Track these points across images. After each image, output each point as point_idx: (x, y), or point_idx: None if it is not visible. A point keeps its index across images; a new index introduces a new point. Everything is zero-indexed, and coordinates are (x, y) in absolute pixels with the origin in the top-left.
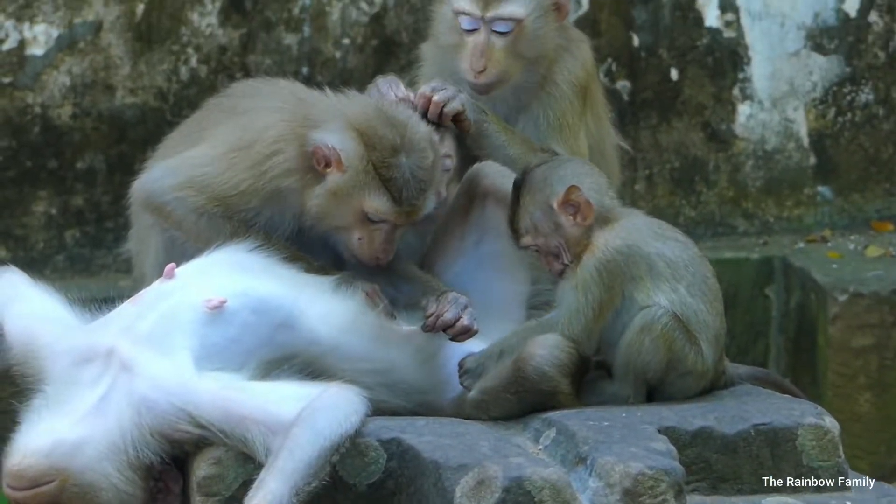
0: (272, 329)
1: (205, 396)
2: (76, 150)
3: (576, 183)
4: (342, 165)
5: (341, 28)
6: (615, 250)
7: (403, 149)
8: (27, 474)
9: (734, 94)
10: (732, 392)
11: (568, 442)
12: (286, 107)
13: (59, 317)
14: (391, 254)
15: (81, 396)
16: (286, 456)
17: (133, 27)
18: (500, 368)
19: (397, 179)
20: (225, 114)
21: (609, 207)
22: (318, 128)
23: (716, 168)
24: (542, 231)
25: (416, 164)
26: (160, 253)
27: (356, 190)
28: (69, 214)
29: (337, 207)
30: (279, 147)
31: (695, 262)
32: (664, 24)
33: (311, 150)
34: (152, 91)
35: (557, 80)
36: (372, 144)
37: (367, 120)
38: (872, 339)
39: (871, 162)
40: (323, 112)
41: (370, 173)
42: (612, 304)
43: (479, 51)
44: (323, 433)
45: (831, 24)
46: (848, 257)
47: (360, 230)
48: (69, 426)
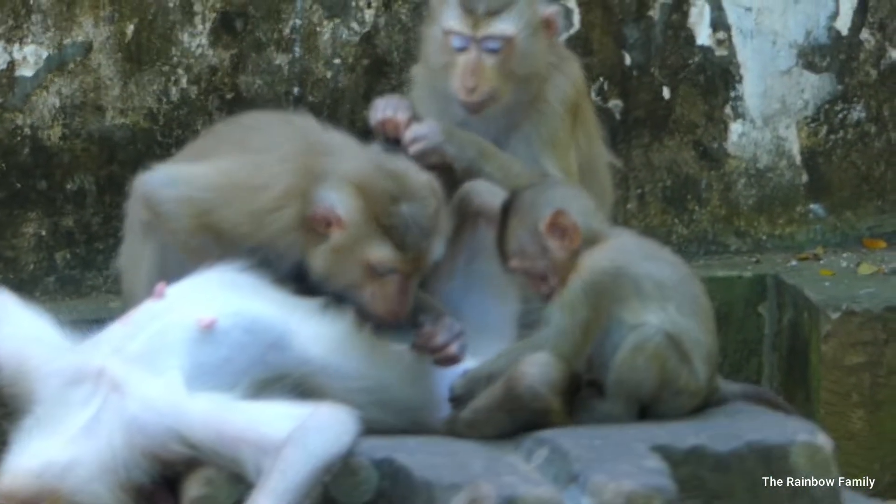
0: (263, 349)
1: (196, 416)
2: (66, 171)
3: (563, 207)
4: (343, 223)
5: (332, 48)
6: (601, 271)
7: (403, 198)
8: (19, 495)
9: (726, 112)
10: (725, 410)
11: (560, 460)
12: (293, 156)
13: (49, 338)
14: (406, 307)
15: (72, 417)
16: (278, 476)
17: (123, 48)
18: (491, 388)
19: (399, 227)
20: (234, 146)
21: (597, 230)
22: (320, 185)
23: (708, 186)
24: (530, 254)
25: (418, 212)
26: (152, 271)
27: (359, 243)
28: (59, 236)
29: (343, 264)
30: (282, 204)
31: (684, 282)
32: (656, 42)
33: (310, 216)
34: (142, 112)
35: (549, 99)
36: (370, 196)
37: (364, 174)
38: (865, 357)
39: (864, 179)
40: (326, 166)
41: (371, 225)
42: (599, 324)
43: (469, 69)
44: (315, 453)
45: (823, 42)
46: (840, 275)
47: (370, 285)
48: (60, 447)
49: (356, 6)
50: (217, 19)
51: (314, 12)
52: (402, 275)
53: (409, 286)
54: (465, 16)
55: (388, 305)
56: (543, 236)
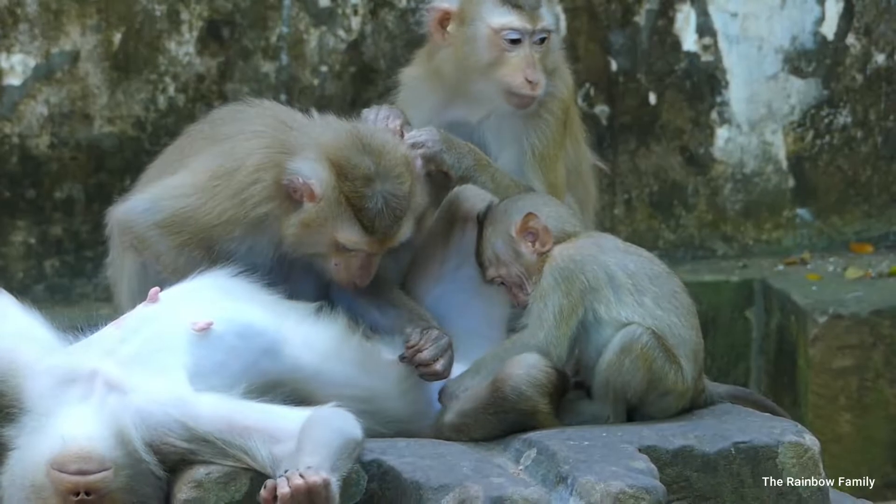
0: (257, 354)
1: (205, 408)
2: (54, 179)
3: (533, 211)
4: (315, 196)
5: (319, 56)
6: (569, 258)
7: (378, 177)
8: (94, 456)
9: (712, 117)
10: (712, 411)
11: (548, 462)
12: (267, 131)
13: (42, 338)
14: (368, 279)
15: (79, 408)
16: (315, 442)
17: (110, 56)
18: (477, 390)
19: (370, 210)
20: (206, 140)
21: (569, 232)
22: (295, 156)
23: (695, 191)
24: (504, 260)
25: (391, 192)
26: (133, 280)
27: (328, 220)
28: (48, 244)
29: (311, 236)
30: (259, 175)
31: (661, 277)
32: (642, 48)
33: (285, 183)
34: (130, 120)
35: (547, 105)
36: (344, 174)
37: (340, 149)
38: (852, 360)
39: (850, 184)
40: (300, 139)
41: (342, 204)
42: (575, 312)
43: (532, 61)
44: (341, 430)
45: (809, 47)
46: (827, 279)
47: (335, 257)
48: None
49: (343, 14)
50: (204, 28)
51: (301, 20)
52: (367, 252)
53: (374, 261)
54: (517, 11)
55: (351, 277)
56: (516, 241)
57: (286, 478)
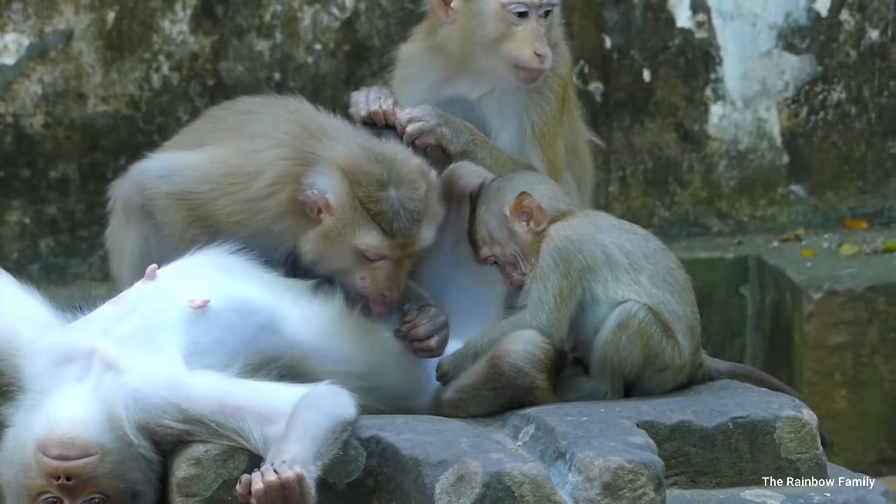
0: (255, 331)
1: (198, 389)
2: (49, 159)
3: (527, 189)
4: (331, 209)
5: (313, 34)
6: (567, 238)
7: (391, 182)
8: (78, 442)
9: (707, 94)
10: (710, 386)
11: (547, 437)
12: (289, 140)
13: (40, 317)
14: (398, 291)
15: (75, 388)
16: (301, 428)
17: (104, 35)
18: (475, 366)
19: (386, 213)
20: (229, 132)
21: (564, 211)
22: (312, 170)
23: (689, 168)
24: (498, 240)
25: (406, 196)
26: (136, 255)
27: (347, 229)
28: (43, 224)
29: (332, 249)
30: (275, 189)
31: (656, 254)
32: (636, 25)
33: (301, 199)
34: (124, 99)
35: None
36: (357, 181)
37: (352, 159)
38: (848, 337)
39: (844, 160)
40: (318, 151)
41: (358, 210)
42: (574, 293)
43: (540, 35)
44: (331, 413)
45: (803, 23)
46: (822, 255)
47: (360, 270)
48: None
49: None
50: (197, 6)
51: None
52: (391, 260)
53: (399, 271)
54: None
55: (378, 290)
56: (510, 220)
57: (261, 473)
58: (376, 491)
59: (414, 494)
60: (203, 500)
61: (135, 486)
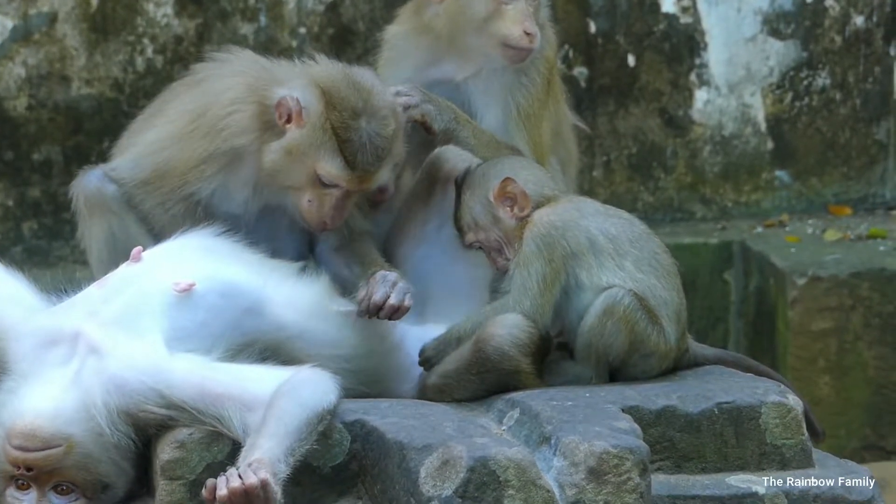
0: (239, 313)
1: (178, 375)
2: (32, 141)
3: (511, 175)
4: (302, 120)
5: (297, 17)
6: (549, 224)
7: (365, 113)
8: (40, 434)
9: (691, 79)
10: (695, 372)
11: (532, 422)
12: (247, 70)
13: (25, 299)
14: (339, 220)
15: (55, 373)
16: (276, 422)
17: (88, 18)
18: (460, 351)
19: (354, 142)
20: (184, 86)
21: (549, 196)
22: (281, 84)
23: (673, 154)
24: (482, 225)
25: (376, 131)
26: (101, 248)
27: (311, 149)
28: (26, 206)
29: (291, 165)
30: (236, 108)
31: (641, 239)
32: (621, 10)
33: (274, 104)
34: (108, 82)
35: (533, 61)
36: (333, 104)
37: (331, 80)
38: (831, 323)
39: (829, 146)
40: (287, 72)
41: (327, 132)
42: (558, 278)
43: (529, 14)
44: (307, 404)
45: (788, 8)
46: (806, 241)
47: (311, 192)
48: (62, 394)
49: None
50: None
51: None
52: (343, 190)
53: (347, 203)
54: None
55: (323, 216)
56: (494, 206)
57: (226, 478)
58: (361, 475)
59: (398, 478)
60: (187, 483)
61: (103, 479)
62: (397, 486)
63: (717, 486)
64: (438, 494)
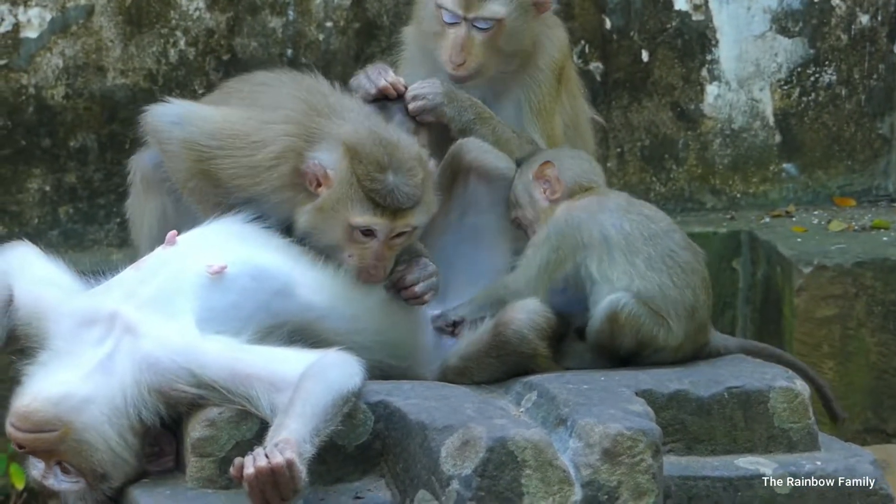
0: (269, 296)
1: (210, 356)
2: (69, 129)
3: (552, 160)
4: (330, 181)
5: (324, 12)
6: (568, 216)
7: (391, 167)
8: (33, 418)
9: (702, 75)
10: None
11: (548, 404)
12: (296, 118)
13: (64, 283)
14: (384, 273)
15: (87, 354)
16: (302, 403)
17: (123, 11)
18: (479, 333)
19: (381, 190)
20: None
21: (585, 187)
22: (314, 143)
23: (685, 146)
24: (521, 203)
25: (403, 182)
26: (153, 225)
27: (341, 203)
28: (62, 191)
29: (326, 223)
30: (278, 162)
31: (657, 237)
32: (635, 7)
33: (303, 170)
34: (142, 73)
35: (539, 65)
36: (359, 159)
37: (357, 138)
38: (836, 310)
39: (834, 140)
40: (324, 129)
41: (354, 186)
42: (562, 267)
43: (458, 45)
44: (333, 386)
45: (796, 7)
46: (812, 231)
47: (349, 247)
48: (80, 381)
49: None
50: None
51: None
52: (380, 241)
53: (388, 253)
54: None
55: (366, 268)
56: (532, 185)
57: (253, 457)
58: (383, 454)
59: (420, 457)
60: (216, 460)
61: (98, 468)
62: (419, 465)
63: (726, 468)
64: (458, 473)
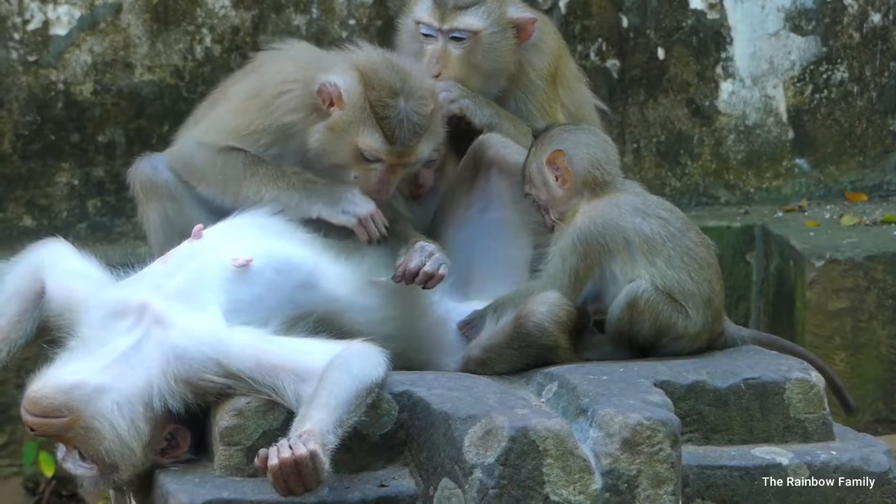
0: (294, 288)
1: (236, 346)
2: (97, 124)
3: (564, 148)
4: (342, 102)
5: (347, 9)
6: (591, 223)
7: (402, 93)
8: (41, 403)
9: (717, 72)
10: (725, 350)
11: (569, 395)
12: (298, 56)
13: (95, 275)
14: (386, 195)
15: (113, 344)
16: (327, 394)
17: (151, 8)
18: (501, 326)
19: (391, 119)
20: (243, 73)
21: (600, 181)
22: (326, 70)
23: (700, 142)
24: (535, 183)
25: (414, 109)
26: (158, 232)
27: (352, 126)
28: (90, 185)
29: (335, 143)
30: (287, 87)
31: (675, 237)
32: (651, 6)
33: (316, 89)
34: (169, 69)
35: (531, 77)
36: (371, 84)
37: (371, 63)
38: (847, 303)
39: (846, 136)
40: (332, 59)
41: (366, 110)
42: (590, 273)
43: (435, 57)
44: (358, 377)
45: (809, 6)
46: (824, 225)
47: (356, 168)
48: (96, 371)
49: None
50: None
51: None
52: (386, 165)
53: (392, 177)
54: (435, 8)
55: (369, 191)
56: (545, 170)
57: (277, 448)
58: (407, 443)
59: (443, 447)
60: (244, 448)
61: (106, 458)
62: (442, 454)
63: (743, 458)
64: (481, 462)
